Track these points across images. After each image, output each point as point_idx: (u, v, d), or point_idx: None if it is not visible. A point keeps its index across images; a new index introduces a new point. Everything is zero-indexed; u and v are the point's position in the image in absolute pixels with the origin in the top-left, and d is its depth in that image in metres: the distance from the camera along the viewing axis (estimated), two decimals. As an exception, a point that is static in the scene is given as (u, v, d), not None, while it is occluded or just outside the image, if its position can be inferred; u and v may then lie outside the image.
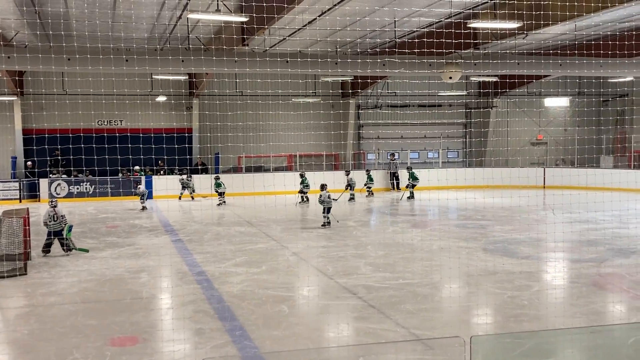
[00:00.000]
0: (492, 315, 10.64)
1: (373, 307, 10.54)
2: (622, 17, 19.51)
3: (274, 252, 15.29)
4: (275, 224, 19.57)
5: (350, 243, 16.42)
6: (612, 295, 11.71)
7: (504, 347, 6.43)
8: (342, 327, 9.95)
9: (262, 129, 28.74)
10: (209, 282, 12.25)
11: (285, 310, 10.42)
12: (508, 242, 16.34)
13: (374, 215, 22.82)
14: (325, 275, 12.92)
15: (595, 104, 34.01)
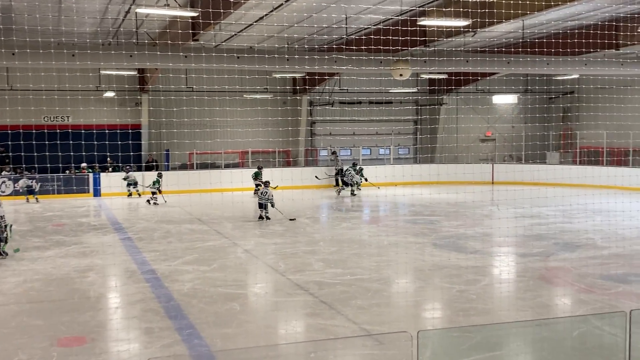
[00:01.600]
0: (441, 309, 10.78)
1: (324, 303, 10.56)
2: (568, 15, 19.96)
3: (225, 249, 15.18)
4: (227, 221, 19.44)
5: (302, 239, 16.42)
6: (558, 289, 11.98)
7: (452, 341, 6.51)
8: (294, 324, 9.95)
9: (213, 125, 28.48)
10: (158, 280, 12.09)
11: (236, 307, 10.36)
12: (457, 237, 16.57)
13: (325, 211, 22.87)
14: (277, 272, 12.89)
15: (542, 101, 34.76)
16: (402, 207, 23.39)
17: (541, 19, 19.84)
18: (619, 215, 18.92)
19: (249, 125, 28.91)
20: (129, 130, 26.40)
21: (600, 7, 18.25)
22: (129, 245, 15.86)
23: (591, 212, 20.12)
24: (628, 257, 13.92)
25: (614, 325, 7.79)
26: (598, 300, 10.75)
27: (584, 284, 11.76)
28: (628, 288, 11.50)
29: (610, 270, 12.75)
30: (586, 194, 21.44)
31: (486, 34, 21.33)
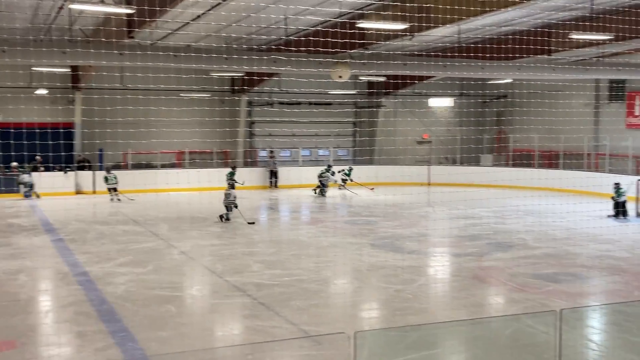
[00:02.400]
0: (379, 309, 10.88)
1: (263, 305, 10.51)
2: (502, 21, 20.44)
3: (161, 251, 14.94)
4: (163, 222, 19.13)
5: (241, 241, 16.31)
6: (492, 288, 12.25)
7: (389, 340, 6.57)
8: (232, 326, 9.86)
9: (149, 124, 27.98)
10: (91, 283, 11.79)
11: (172, 310, 10.20)
12: (395, 237, 16.75)
13: (264, 212, 22.77)
14: (214, 274, 12.76)
15: (477, 105, 35.48)
16: (341, 208, 23.51)
17: (477, 24, 20.28)
18: (549, 216, 19.48)
19: (186, 125, 28.54)
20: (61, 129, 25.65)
21: (533, 14, 18.75)
22: (61, 246, 15.42)
23: (523, 213, 20.65)
24: (558, 256, 14.34)
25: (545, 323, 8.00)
26: (529, 298, 11.03)
27: (516, 283, 12.06)
28: (558, 287, 11.84)
29: (541, 269, 13.11)
30: (518, 195, 22.04)
31: (424, 37, 21.65)
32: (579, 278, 12.57)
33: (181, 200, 23.03)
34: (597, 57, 24.36)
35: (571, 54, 23.94)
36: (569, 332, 6.53)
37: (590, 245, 15.54)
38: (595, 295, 11.59)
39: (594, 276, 12.81)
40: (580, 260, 14.05)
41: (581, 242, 15.89)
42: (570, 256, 14.48)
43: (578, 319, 8.33)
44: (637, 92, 27.19)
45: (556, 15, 19.64)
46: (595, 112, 29.45)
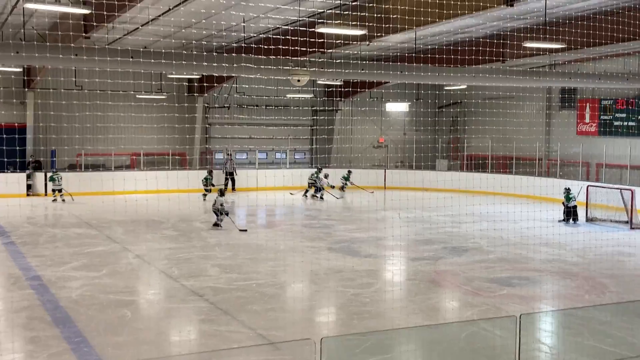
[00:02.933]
0: (336, 313, 10.93)
1: (220, 309, 10.46)
2: (458, 28, 20.75)
3: (116, 254, 14.73)
4: (117, 225, 18.85)
5: (197, 244, 16.18)
6: (447, 292, 12.43)
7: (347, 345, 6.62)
8: (188, 331, 9.80)
9: (103, 126, 27.56)
10: (44, 287, 11.57)
11: (127, 315, 10.08)
12: (352, 241, 16.85)
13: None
14: (170, 278, 12.64)
15: (432, 110, 35.94)
16: (298, 211, 23.52)
17: (432, 31, 20.53)
18: (503, 221, 19.84)
19: (142, 127, 28.18)
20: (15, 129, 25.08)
21: (487, 22, 19.09)
22: (13, 250, 15.07)
23: (478, 217, 20.99)
24: (512, 261, 14.62)
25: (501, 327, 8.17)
26: (484, 302, 11.23)
27: (471, 287, 12.26)
28: (512, 291, 12.08)
29: (495, 273, 13.35)
30: (473, 200, 22.34)
31: (381, 43, 21.82)
32: (532, 282, 12.84)
33: (136, 203, 22.69)
34: (550, 66, 24.94)
35: (524, 62, 24.42)
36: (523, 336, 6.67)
37: (542, 250, 15.89)
38: (548, 299, 11.86)
39: (547, 280, 13.11)
40: (533, 265, 14.35)
41: (534, 247, 16.23)
42: (523, 260, 14.79)
43: (531, 322, 8.52)
44: (587, 100, 27.90)
45: (510, 24, 20.06)
46: (547, 119, 30.10)
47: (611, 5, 17.41)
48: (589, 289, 12.42)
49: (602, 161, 26.06)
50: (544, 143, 29.49)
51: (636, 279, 13.35)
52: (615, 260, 15.03)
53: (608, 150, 25.73)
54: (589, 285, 12.62)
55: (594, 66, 24.87)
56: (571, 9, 17.73)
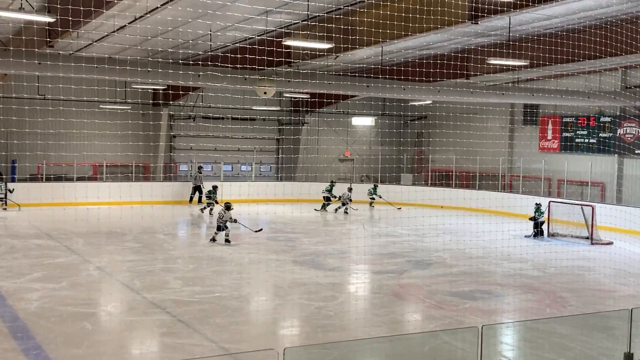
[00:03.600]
0: (300, 326, 10.87)
1: (182, 322, 10.33)
2: (423, 44, 20.97)
3: (76, 266, 14.47)
4: (78, 236, 18.53)
5: (160, 257, 15.99)
6: (411, 305, 12.47)
7: (313, 357, 6.58)
8: (149, 344, 9.65)
9: (66, 136, 27.16)
10: (2, 298, 11.30)
11: (87, 327, 9.89)
12: (316, 254, 16.82)
13: (184, 227, 22.42)
14: (131, 290, 12.45)
15: (398, 125, 36.23)
16: (263, 224, 23.41)
17: (399, 46, 20.74)
18: (466, 235, 20.01)
19: (106, 138, 27.84)
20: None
21: (452, 39, 19.33)
22: (-31, 261, 14.71)
23: (441, 231, 21.13)
24: (475, 274, 14.73)
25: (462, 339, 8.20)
26: (447, 316, 11.28)
27: (434, 300, 12.31)
28: (474, 304, 12.16)
29: (458, 287, 13.44)
30: (437, 214, 22.49)
31: (347, 57, 21.96)
32: (494, 296, 12.95)
33: (98, 214, 22.37)
34: (513, 82, 25.35)
35: (488, 79, 24.81)
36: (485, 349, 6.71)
37: (504, 264, 16.05)
38: (509, 313, 11.96)
39: (508, 294, 13.23)
40: (495, 278, 14.48)
41: (496, 261, 16.39)
42: (485, 274, 14.91)
43: (493, 335, 8.57)
44: (549, 117, 28.41)
45: (474, 40, 20.35)
46: (510, 135, 30.55)
47: (573, 24, 17.79)
48: (550, 302, 12.57)
49: (564, 177, 26.53)
50: (506, 158, 29.90)
51: (596, 293, 13.55)
52: (576, 275, 15.25)
53: (569, 166, 26.20)
54: (549, 299, 12.77)
55: (556, 83, 25.34)
56: (534, 27, 18.05)
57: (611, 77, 24.55)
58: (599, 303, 12.55)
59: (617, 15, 16.78)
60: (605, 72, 24.20)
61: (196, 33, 19.52)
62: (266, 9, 16.64)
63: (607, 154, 25.69)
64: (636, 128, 24.73)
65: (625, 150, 24.93)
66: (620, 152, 25.12)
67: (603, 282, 14.60)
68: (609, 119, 25.78)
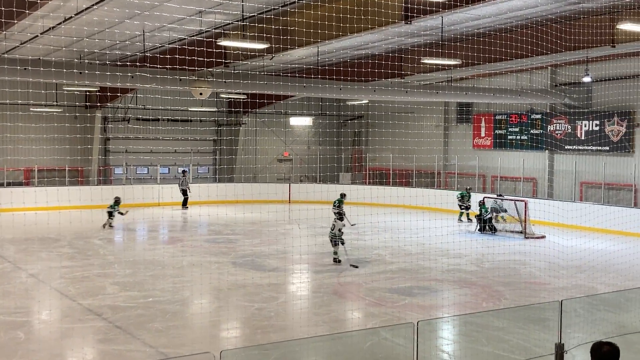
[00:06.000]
0: (240, 328, 10.81)
1: (119, 328, 10.13)
2: (359, 44, 21.14)
3: (8, 274, 14.02)
4: (9, 243, 17.95)
5: (95, 262, 15.63)
6: (351, 303, 12.55)
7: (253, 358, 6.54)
8: (85, 351, 9.43)
9: (-5, 139, 26.28)
10: None
11: (21, 336, 9.59)
12: (256, 255, 16.75)
13: (120, 232, 21.96)
14: (67, 297, 12.13)
15: (335, 124, 36.43)
16: (202, 226, 23.18)
17: (334, 46, 20.83)
18: (404, 232, 20.27)
19: (36, 142, 27.05)
20: None
21: (386, 38, 19.56)
22: None
23: (380, 229, 21.34)
24: (413, 271, 14.94)
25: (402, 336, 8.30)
26: (386, 312, 11.41)
27: (374, 298, 12.43)
28: (413, 300, 12.34)
29: (397, 283, 13.60)
30: (375, 212, 22.70)
31: (283, 57, 21.94)
32: (432, 291, 13.16)
33: (29, 220, 21.68)
34: (446, 81, 25.82)
35: (422, 78, 25.20)
36: (423, 344, 6.80)
37: (441, 260, 16.33)
38: (447, 308, 12.17)
39: (446, 289, 13.46)
40: (432, 274, 14.71)
41: (433, 257, 16.66)
42: (423, 270, 15.14)
43: (432, 330, 8.71)
44: (482, 115, 29.05)
45: (408, 40, 20.63)
46: (445, 133, 31.11)
47: (503, 24, 18.23)
48: (486, 296, 12.85)
49: (497, 173, 27.19)
50: (442, 156, 30.44)
51: (530, 285, 13.92)
52: (510, 268, 15.64)
53: (502, 162, 26.88)
54: (486, 294, 13.05)
55: (489, 82, 25.95)
56: (466, 27, 18.43)
57: (541, 75, 25.28)
58: (533, 296, 12.90)
59: (545, 15, 17.29)
60: (535, 70, 24.91)
61: (129, 34, 19.18)
62: (200, 9, 16.47)
63: (538, 150, 26.44)
64: (565, 124, 25.55)
65: (555, 147, 25.73)
66: (551, 148, 25.91)
67: (537, 275, 15.02)
68: (539, 116, 26.54)
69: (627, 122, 23.35)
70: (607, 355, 4.45)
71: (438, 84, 25.83)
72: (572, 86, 24.70)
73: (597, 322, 9.95)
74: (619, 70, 22.49)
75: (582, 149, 24.83)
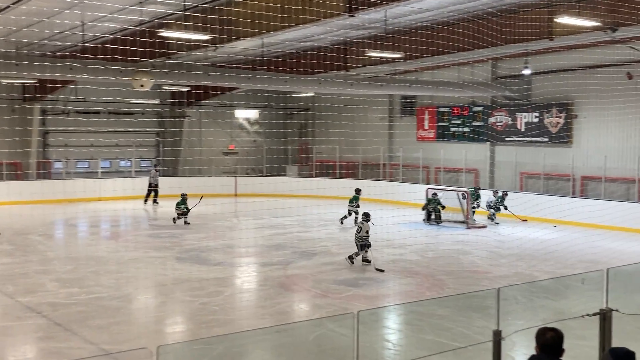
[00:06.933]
0: (184, 323, 10.70)
1: (59, 325, 9.90)
2: (303, 36, 21.11)
3: (-59, 273, 13.53)
4: (-56, 241, 17.34)
5: (34, 258, 15.22)
6: (297, 295, 12.55)
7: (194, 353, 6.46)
8: (24, 350, 9.20)
9: None
10: None
11: (-47, 337, 9.27)
12: (200, 249, 16.59)
13: (60, 228, 21.46)
14: (4, 295, 11.79)
15: (281, 117, 36.32)
16: (144, 221, 22.83)
17: (279, 38, 20.75)
18: (350, 224, 20.37)
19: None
20: None
21: (331, 31, 19.58)
22: None
23: (326, 221, 21.41)
24: (358, 262, 15.02)
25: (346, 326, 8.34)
26: (332, 304, 11.45)
27: (320, 290, 12.46)
28: (359, 291, 12.42)
29: (342, 275, 13.67)
30: (322, 204, 22.82)
31: (227, 49, 21.71)
32: (376, 282, 13.27)
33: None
34: (391, 74, 26.03)
35: (367, 71, 25.33)
36: (367, 334, 6.85)
37: (386, 251, 16.47)
38: (391, 297, 12.31)
39: (390, 279, 13.60)
40: (377, 265, 14.82)
41: (378, 248, 16.77)
42: (368, 261, 15.24)
43: (376, 320, 8.79)
44: (425, 107, 29.40)
45: (353, 33, 20.70)
46: (390, 125, 31.38)
47: (447, 17, 18.45)
48: (429, 285, 13.03)
49: (440, 165, 27.58)
50: (387, 147, 30.71)
51: (472, 274, 14.17)
52: (453, 258, 15.90)
53: (445, 154, 27.28)
54: (429, 283, 13.23)
55: (432, 75, 26.27)
56: (409, 20, 18.59)
57: (482, 68, 25.72)
58: (475, 284, 13.14)
59: (485, 9, 17.59)
60: (477, 63, 25.32)
61: (69, 24, 18.68)
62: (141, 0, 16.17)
63: (480, 142, 26.92)
64: (505, 117, 26.07)
65: (496, 138, 26.24)
66: (492, 140, 26.42)
67: (478, 264, 15.30)
68: (481, 108, 27.01)
69: (565, 113, 23.97)
70: (550, 341, 4.55)
71: (382, 76, 26.02)
72: (513, 79, 25.21)
73: (537, 309, 10.20)
74: (558, 63, 23.04)
75: (522, 141, 25.39)
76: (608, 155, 22.25)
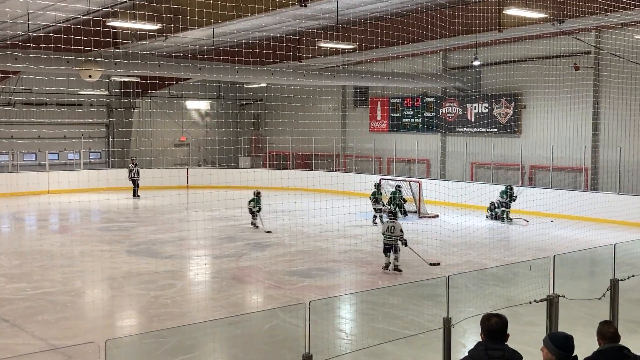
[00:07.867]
0: (135, 317, 10.56)
1: (6, 321, 9.67)
2: (255, 27, 20.95)
3: None
4: None
5: (-21, 254, 14.82)
6: (250, 287, 12.51)
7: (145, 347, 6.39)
8: (-32, 348, 8.92)
9: None
10: None
11: None
12: (152, 242, 16.39)
13: (7, 221, 20.93)
14: (-54, 292, 11.45)
15: (234, 108, 36.06)
16: (94, 214, 22.42)
17: (231, 28, 20.54)
18: (303, 215, 20.38)
19: None
20: None
21: (283, 21, 19.48)
22: None
23: (280, 212, 21.38)
24: (312, 253, 15.06)
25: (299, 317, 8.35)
26: (285, 295, 11.45)
27: (273, 281, 12.44)
28: (312, 282, 12.44)
29: (296, 266, 13.68)
30: (275, 195, 22.73)
31: (178, 39, 21.41)
32: (330, 272, 13.32)
33: None
34: (343, 65, 26.06)
35: (320, 61, 25.31)
36: (319, 324, 6.86)
37: (340, 241, 16.54)
38: (344, 287, 12.36)
39: (343, 269, 13.66)
40: (330, 256, 14.88)
41: (331, 238, 16.85)
42: (322, 252, 15.29)
43: (329, 310, 8.80)
44: (378, 98, 29.56)
45: (305, 23, 20.63)
46: (343, 115, 31.47)
47: (398, 8, 18.53)
48: (382, 275, 13.13)
49: (393, 155, 27.79)
50: (340, 138, 30.79)
51: (424, 263, 14.32)
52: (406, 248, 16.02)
53: (398, 145, 27.49)
54: (382, 272, 13.33)
55: (384, 66, 26.39)
56: (361, 11, 18.62)
57: (433, 59, 25.96)
58: (427, 273, 13.28)
59: (436, 1, 17.72)
60: (428, 55, 25.54)
61: (12, 13, 18.14)
62: (88, -12, 15.81)
63: (431, 132, 27.21)
64: (456, 107, 26.40)
65: (447, 129, 26.55)
66: (443, 130, 26.73)
67: (431, 253, 15.46)
68: (432, 99, 27.29)
69: (514, 104, 24.39)
70: (495, 327, 4.64)
71: (335, 67, 26.04)
72: (463, 70, 25.52)
73: (487, 296, 10.36)
74: (507, 54, 23.42)
75: (473, 131, 25.76)
76: (555, 145, 22.75)
